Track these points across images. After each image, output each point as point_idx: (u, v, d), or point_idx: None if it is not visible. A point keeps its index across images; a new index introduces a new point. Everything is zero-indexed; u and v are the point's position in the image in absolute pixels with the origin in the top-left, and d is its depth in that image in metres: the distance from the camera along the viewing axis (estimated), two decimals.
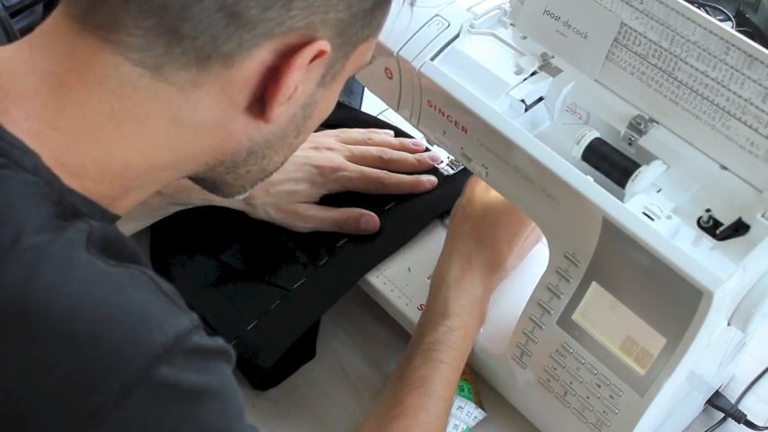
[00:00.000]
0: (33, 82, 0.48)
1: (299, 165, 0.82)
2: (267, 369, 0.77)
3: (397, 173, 0.86)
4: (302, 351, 0.80)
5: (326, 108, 0.59)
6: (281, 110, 0.52)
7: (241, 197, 0.62)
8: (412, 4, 0.61)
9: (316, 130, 0.89)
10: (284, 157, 0.60)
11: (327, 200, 0.85)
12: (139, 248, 0.53)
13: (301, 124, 0.57)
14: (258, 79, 0.51)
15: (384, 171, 0.85)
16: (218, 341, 0.49)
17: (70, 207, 0.48)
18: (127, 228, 0.82)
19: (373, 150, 0.86)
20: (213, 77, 0.49)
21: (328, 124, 0.91)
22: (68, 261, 0.45)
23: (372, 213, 0.83)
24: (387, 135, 0.90)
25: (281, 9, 0.48)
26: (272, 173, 0.61)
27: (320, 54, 0.51)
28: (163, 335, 0.45)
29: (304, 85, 0.53)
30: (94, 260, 0.46)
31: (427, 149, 0.89)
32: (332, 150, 0.85)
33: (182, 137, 0.52)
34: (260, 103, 0.52)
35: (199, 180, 0.60)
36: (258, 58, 0.50)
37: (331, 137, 0.87)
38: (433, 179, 0.86)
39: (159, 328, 0.45)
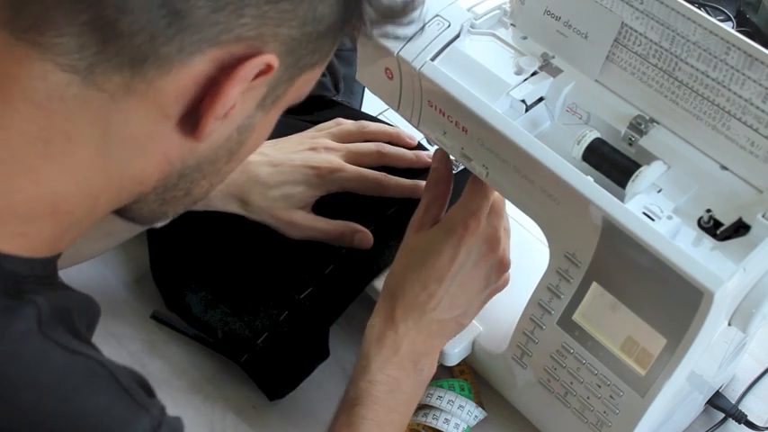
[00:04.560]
0: None
1: (296, 166, 0.81)
2: (283, 378, 0.78)
3: (396, 169, 0.85)
4: (316, 352, 0.80)
5: (262, 136, 0.55)
6: (216, 127, 0.48)
7: (160, 224, 0.58)
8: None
9: (312, 121, 0.88)
10: (211, 183, 0.56)
11: (329, 202, 0.84)
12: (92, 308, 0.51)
13: (234, 150, 0.53)
14: (195, 91, 0.46)
15: (383, 173, 0.84)
16: None
17: (10, 279, 0.44)
18: (121, 236, 0.80)
19: (371, 146, 0.85)
20: (147, 84, 0.45)
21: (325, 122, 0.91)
22: (20, 359, 0.43)
23: (366, 230, 0.82)
24: (380, 125, 0.89)
25: (231, 14, 0.43)
26: (196, 200, 0.56)
27: (266, 70, 0.47)
28: None
29: (242, 105, 0.49)
30: (49, 350, 0.44)
31: (421, 145, 0.89)
32: (329, 150, 0.83)
33: (114, 156, 0.47)
34: (193, 118, 0.48)
35: (120, 211, 0.54)
36: (198, 67, 0.45)
37: (327, 135, 0.85)
38: None
39: None
